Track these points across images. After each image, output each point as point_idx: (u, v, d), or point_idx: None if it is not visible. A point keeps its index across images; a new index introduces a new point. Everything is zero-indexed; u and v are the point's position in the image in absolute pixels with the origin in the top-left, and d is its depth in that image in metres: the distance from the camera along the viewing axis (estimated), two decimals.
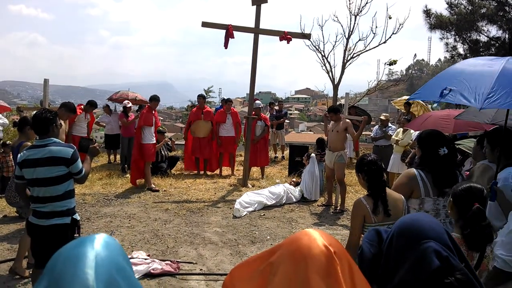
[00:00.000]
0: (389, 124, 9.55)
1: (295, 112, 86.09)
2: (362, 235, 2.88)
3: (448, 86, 3.14)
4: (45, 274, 0.78)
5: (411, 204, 3.14)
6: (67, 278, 0.74)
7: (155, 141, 8.77)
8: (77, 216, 3.58)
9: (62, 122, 4.18)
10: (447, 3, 14.92)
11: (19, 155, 3.51)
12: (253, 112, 9.27)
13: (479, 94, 2.93)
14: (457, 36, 14.77)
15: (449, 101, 3.18)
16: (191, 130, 9.98)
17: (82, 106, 9.90)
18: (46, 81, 7.07)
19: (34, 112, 4.40)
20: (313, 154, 8.50)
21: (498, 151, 3.26)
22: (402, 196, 3.02)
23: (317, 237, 1.07)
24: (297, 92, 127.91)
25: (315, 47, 9.73)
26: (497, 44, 13.93)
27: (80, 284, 0.72)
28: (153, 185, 8.53)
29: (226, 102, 10.18)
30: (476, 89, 2.99)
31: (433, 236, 1.35)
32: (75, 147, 3.52)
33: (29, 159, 3.39)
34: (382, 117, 9.78)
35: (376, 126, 9.95)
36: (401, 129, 8.69)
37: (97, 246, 0.80)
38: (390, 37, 9.49)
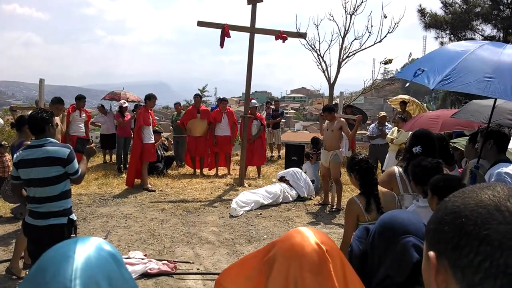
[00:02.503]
0: (386, 124, 9.59)
1: (291, 111, 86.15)
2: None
3: (422, 67, 3.18)
4: (32, 269, 0.80)
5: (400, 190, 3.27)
6: (48, 275, 0.75)
7: (154, 141, 8.76)
8: (73, 216, 3.57)
9: (58, 122, 4.18)
10: (442, 2, 15.00)
11: (15, 156, 3.51)
12: (249, 111, 9.28)
13: (439, 75, 2.96)
14: (452, 35, 14.86)
15: (416, 81, 3.22)
16: (187, 129, 9.97)
17: (75, 105, 9.75)
18: (41, 81, 7.05)
19: (30, 111, 4.39)
20: (278, 175, 8.66)
21: (490, 144, 3.38)
22: (395, 193, 3.07)
23: (309, 236, 1.08)
24: (293, 91, 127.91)
25: (310, 46, 9.78)
26: None
27: (59, 281, 0.74)
28: (149, 185, 8.52)
29: (222, 101, 10.17)
30: (439, 71, 3.01)
31: (412, 231, 1.40)
32: (71, 147, 3.51)
33: (25, 159, 3.38)
34: (383, 113, 9.81)
35: (373, 124, 9.98)
36: (396, 128, 8.73)
37: (87, 248, 0.81)
38: (385, 36, 9.55)
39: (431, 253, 0.73)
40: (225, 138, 9.90)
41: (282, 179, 8.39)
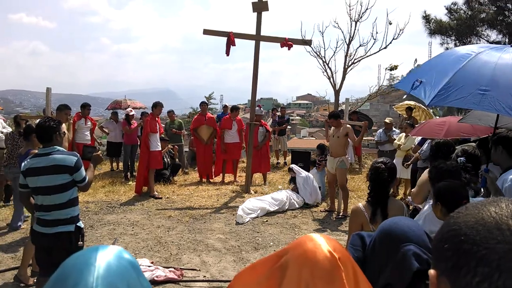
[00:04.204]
0: (393, 128, 9.57)
1: (297, 118, 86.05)
2: None
3: (420, 78, 3.13)
4: (52, 277, 0.81)
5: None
6: (70, 283, 0.76)
7: (160, 148, 8.80)
8: (81, 224, 3.59)
9: (65, 130, 4.21)
10: (447, 9, 14.99)
11: (22, 164, 3.54)
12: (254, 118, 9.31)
13: (434, 90, 2.90)
14: (457, 41, 14.82)
15: (414, 94, 3.16)
16: (196, 134, 10.10)
17: (80, 113, 9.77)
18: (48, 89, 7.10)
19: (38, 120, 4.43)
20: (292, 165, 8.62)
21: (500, 150, 3.45)
22: (404, 205, 3.01)
23: (322, 243, 1.07)
24: (298, 98, 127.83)
25: (316, 53, 9.76)
26: None
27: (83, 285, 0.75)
28: (156, 193, 8.54)
29: (233, 110, 10.17)
30: (436, 84, 2.93)
31: (413, 239, 1.39)
32: (78, 155, 3.54)
33: (33, 167, 3.41)
34: (386, 121, 9.80)
35: (380, 130, 9.96)
36: (403, 133, 8.71)
37: (107, 256, 0.82)
38: (390, 43, 9.51)
39: (431, 271, 0.71)
40: (235, 145, 9.94)
41: (291, 170, 8.37)
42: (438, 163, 2.94)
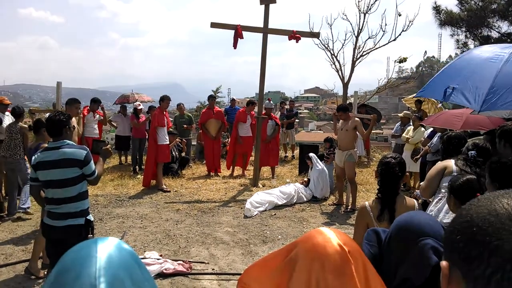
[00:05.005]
0: (410, 123, 9.53)
1: (305, 111, 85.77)
2: None
3: (451, 84, 3.07)
4: (53, 271, 0.81)
5: (444, 182, 3.43)
6: (72, 275, 0.76)
7: (168, 142, 8.83)
8: (90, 217, 3.62)
9: (75, 124, 4.23)
10: None
11: (33, 158, 3.57)
12: (263, 112, 9.29)
13: (479, 95, 2.83)
14: (468, 33, 14.63)
15: (452, 101, 3.14)
16: (205, 130, 10.14)
17: (89, 107, 9.80)
18: (58, 84, 7.14)
19: (47, 114, 4.45)
20: (311, 154, 8.53)
21: (503, 144, 3.49)
22: (415, 202, 2.90)
23: (331, 236, 1.07)
24: (306, 91, 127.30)
25: (324, 45, 9.72)
26: (509, 40, 13.76)
27: (84, 281, 0.75)
28: (164, 186, 8.58)
29: (248, 104, 10.11)
30: (476, 89, 2.86)
31: (430, 233, 1.37)
32: (88, 148, 3.56)
33: (43, 161, 3.44)
34: (401, 115, 9.75)
35: (398, 123, 9.95)
36: (412, 126, 8.66)
37: (107, 247, 0.82)
38: (399, 35, 9.44)
39: (443, 263, 0.71)
40: (249, 139, 9.94)
41: (308, 158, 8.34)
42: (500, 158, 2.86)
